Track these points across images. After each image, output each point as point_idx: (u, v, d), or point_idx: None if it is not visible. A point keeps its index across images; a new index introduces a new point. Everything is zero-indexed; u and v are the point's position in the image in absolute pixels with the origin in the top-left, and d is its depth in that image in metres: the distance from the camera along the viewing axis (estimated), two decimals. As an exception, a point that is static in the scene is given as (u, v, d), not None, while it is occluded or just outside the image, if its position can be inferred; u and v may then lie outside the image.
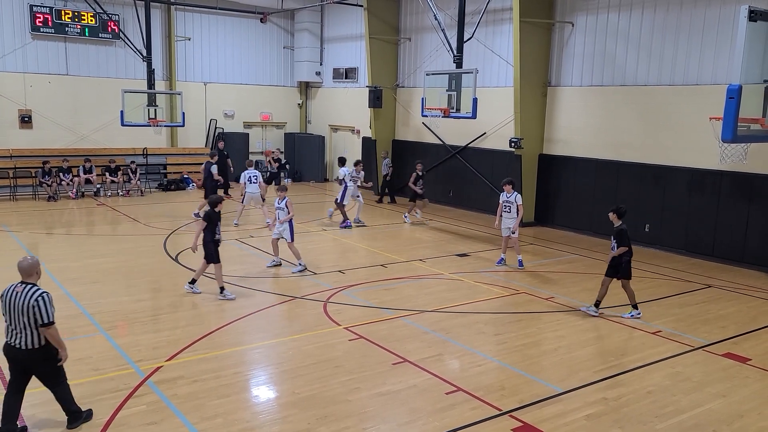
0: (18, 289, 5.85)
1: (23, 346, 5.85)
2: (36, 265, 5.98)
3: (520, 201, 12.98)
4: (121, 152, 22.52)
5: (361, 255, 13.94)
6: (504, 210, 13.05)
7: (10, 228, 15.44)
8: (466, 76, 14.85)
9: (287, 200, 12.11)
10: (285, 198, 12.13)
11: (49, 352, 5.96)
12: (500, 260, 13.27)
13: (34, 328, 5.82)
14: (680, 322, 9.93)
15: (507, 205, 13.01)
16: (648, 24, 15.08)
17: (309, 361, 7.97)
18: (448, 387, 7.34)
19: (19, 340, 5.84)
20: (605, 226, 16.09)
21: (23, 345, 5.85)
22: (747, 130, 8.42)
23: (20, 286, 5.88)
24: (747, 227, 13.60)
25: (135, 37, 20.73)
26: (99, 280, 11.24)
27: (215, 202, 10.61)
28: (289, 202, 12.13)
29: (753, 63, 8.12)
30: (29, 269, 5.92)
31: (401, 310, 10.06)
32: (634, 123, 15.51)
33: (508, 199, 12.98)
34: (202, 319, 9.46)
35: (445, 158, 20.37)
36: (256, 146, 26.31)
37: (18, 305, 5.79)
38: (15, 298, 5.83)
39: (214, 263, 10.51)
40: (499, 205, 13.16)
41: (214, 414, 6.55)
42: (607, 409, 6.94)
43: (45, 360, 5.96)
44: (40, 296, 5.80)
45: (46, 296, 5.84)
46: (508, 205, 13.00)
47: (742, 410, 7.03)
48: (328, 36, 25.84)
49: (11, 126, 21.01)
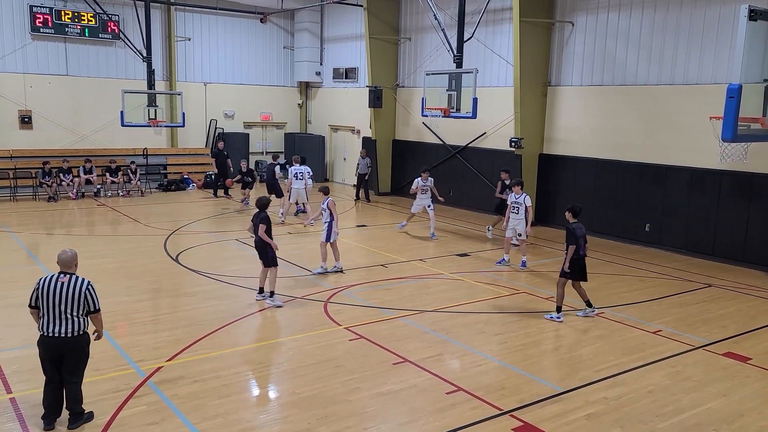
0: (63, 280, 6.13)
1: (68, 333, 6.08)
2: (75, 257, 6.34)
3: (529, 202, 12.87)
4: (122, 153, 22.54)
5: (362, 255, 13.95)
6: (512, 211, 13.02)
7: (10, 228, 15.45)
8: (466, 75, 14.85)
9: (329, 201, 11.95)
10: (327, 199, 11.97)
11: (87, 339, 6.29)
12: (501, 260, 13.26)
13: (77, 316, 6.10)
14: (681, 322, 9.93)
15: (516, 207, 12.97)
16: (648, 23, 15.08)
17: (309, 361, 7.97)
18: (448, 387, 7.34)
19: (63, 328, 6.06)
20: (606, 225, 16.17)
21: (68, 333, 6.08)
22: (747, 129, 8.40)
23: (65, 276, 6.15)
24: (747, 226, 13.60)
25: (135, 37, 20.73)
26: (99, 280, 11.14)
27: (265, 205, 10.34)
28: (332, 202, 11.96)
29: (753, 62, 8.11)
30: (69, 261, 6.25)
31: (402, 310, 10.06)
32: (635, 123, 15.51)
33: (517, 200, 12.94)
34: (202, 319, 9.46)
35: (446, 158, 20.37)
36: (257, 146, 26.32)
37: (67, 294, 6.06)
38: (61, 288, 6.08)
39: (274, 266, 10.25)
40: (508, 207, 13.13)
41: (214, 414, 6.55)
42: (608, 408, 6.94)
43: (83, 347, 6.23)
44: (89, 285, 6.23)
45: (92, 285, 6.28)
46: (516, 206, 12.96)
47: (743, 409, 7.04)
48: (328, 36, 25.84)
49: (11, 126, 21.02)
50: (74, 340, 6.12)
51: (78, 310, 6.11)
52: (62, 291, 6.08)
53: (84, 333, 6.21)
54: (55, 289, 6.08)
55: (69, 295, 6.08)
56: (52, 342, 6.09)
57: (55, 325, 6.07)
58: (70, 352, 6.13)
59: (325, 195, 12.12)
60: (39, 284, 6.15)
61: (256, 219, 10.24)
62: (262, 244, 10.21)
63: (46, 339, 6.12)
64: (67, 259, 6.23)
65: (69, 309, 6.07)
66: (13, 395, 6.82)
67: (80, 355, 6.22)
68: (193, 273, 11.92)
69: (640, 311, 10.40)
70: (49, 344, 6.11)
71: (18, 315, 8.78)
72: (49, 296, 6.07)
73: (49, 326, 6.08)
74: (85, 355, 6.29)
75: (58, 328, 6.07)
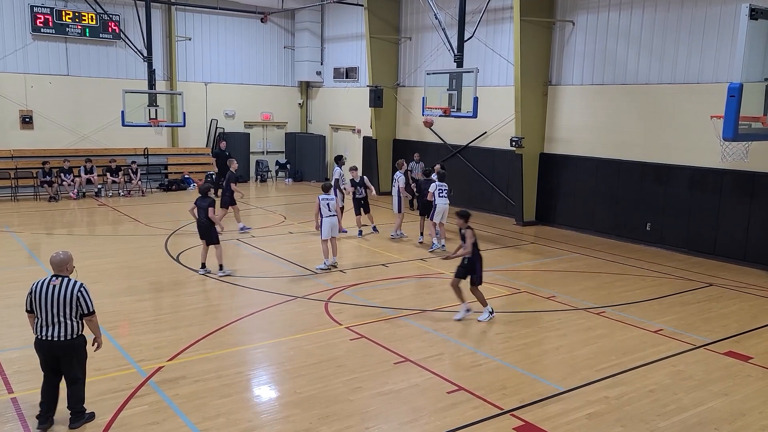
0: (55, 283, 6.01)
1: (63, 337, 6.01)
2: (69, 260, 6.17)
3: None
4: (122, 152, 22.54)
5: (363, 254, 13.94)
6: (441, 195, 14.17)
7: (11, 228, 15.46)
8: (467, 75, 14.84)
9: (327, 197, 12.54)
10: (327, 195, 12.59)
11: (82, 342, 6.20)
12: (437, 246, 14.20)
13: (72, 319, 6.02)
14: (682, 321, 9.93)
15: (441, 190, 14.21)
16: (649, 22, 15.07)
17: (310, 361, 7.97)
18: (449, 386, 7.34)
19: (56, 332, 5.99)
20: (607, 224, 16.17)
21: (63, 336, 6.01)
22: (748, 128, 8.39)
23: (56, 279, 6.04)
24: (748, 225, 13.59)
25: (135, 37, 20.73)
26: (100, 280, 11.24)
27: (207, 189, 11.79)
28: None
29: (754, 61, 8.10)
30: (61, 264, 6.11)
31: (403, 310, 10.06)
32: (635, 122, 15.50)
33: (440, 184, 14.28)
34: (203, 319, 9.46)
35: (446, 157, 20.36)
36: (257, 146, 26.33)
37: (58, 298, 5.96)
38: (53, 291, 5.98)
39: (218, 243, 11.69)
40: (430, 193, 14.18)
41: (215, 414, 6.56)
42: (609, 407, 6.94)
43: (78, 350, 6.17)
44: (82, 287, 6.08)
45: (85, 287, 6.13)
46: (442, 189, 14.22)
47: (744, 408, 7.03)
48: (329, 36, 25.84)
49: (12, 126, 21.01)
50: (68, 343, 6.04)
51: (71, 314, 6.02)
52: (54, 294, 5.98)
53: (79, 336, 6.13)
54: (47, 292, 5.99)
55: (61, 298, 5.98)
56: (46, 345, 6.04)
57: (48, 328, 6.00)
58: (65, 356, 6.08)
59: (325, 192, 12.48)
60: (32, 288, 6.09)
61: (202, 203, 11.52)
62: (207, 225, 11.51)
63: (40, 342, 6.07)
64: (59, 262, 6.10)
65: (62, 312, 5.98)
66: (14, 395, 6.83)
67: (77, 357, 6.16)
68: (194, 273, 11.92)
69: (641, 310, 10.39)
70: (44, 348, 6.06)
71: (19, 315, 8.74)
72: (41, 300, 5.98)
73: (43, 329, 6.02)
74: (83, 356, 6.25)
75: (52, 331, 5.99)
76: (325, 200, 12.35)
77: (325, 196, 12.41)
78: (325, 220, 12.30)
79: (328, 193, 12.48)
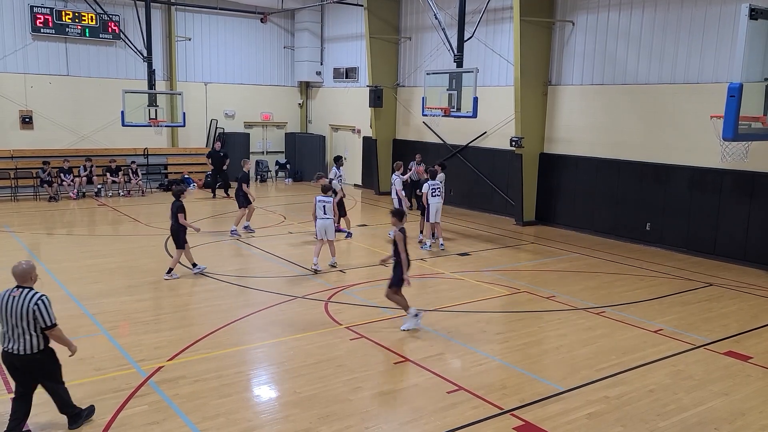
0: (15, 294, 5.77)
1: (22, 351, 5.78)
2: (31, 271, 5.89)
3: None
4: (122, 152, 22.55)
5: (362, 254, 13.94)
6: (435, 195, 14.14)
7: (11, 228, 15.46)
8: (467, 75, 14.85)
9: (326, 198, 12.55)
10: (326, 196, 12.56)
11: (48, 354, 5.95)
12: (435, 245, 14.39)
13: (34, 332, 5.76)
14: (682, 321, 9.93)
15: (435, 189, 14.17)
16: (649, 22, 15.07)
17: (310, 361, 7.97)
18: (449, 386, 7.34)
19: (18, 345, 5.77)
20: (606, 224, 16.17)
21: (22, 350, 5.78)
22: (748, 128, 8.39)
23: (17, 290, 5.80)
24: (748, 225, 13.59)
25: (135, 37, 20.74)
26: (100, 280, 11.24)
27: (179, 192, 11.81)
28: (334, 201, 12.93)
29: (754, 61, 8.10)
30: (23, 275, 5.83)
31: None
32: (635, 122, 15.50)
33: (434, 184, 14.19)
34: (203, 319, 9.46)
35: (446, 157, 20.34)
36: (257, 146, 26.33)
37: (16, 310, 5.72)
38: (12, 302, 5.74)
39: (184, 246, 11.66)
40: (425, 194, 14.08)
41: (215, 413, 6.56)
42: (609, 407, 6.94)
43: (44, 363, 5.93)
44: (39, 299, 5.76)
45: (45, 299, 5.81)
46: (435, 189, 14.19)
47: (744, 408, 7.03)
48: (329, 36, 25.84)
49: (12, 127, 21.01)
50: (31, 357, 5.79)
51: (29, 327, 5.73)
52: (13, 306, 5.72)
53: (41, 351, 5.84)
54: (8, 303, 5.75)
55: (18, 310, 5.69)
56: (8, 358, 5.87)
57: (11, 341, 5.78)
58: (32, 370, 5.89)
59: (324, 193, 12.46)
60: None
61: (173, 207, 11.52)
62: (176, 229, 11.49)
63: (4, 354, 5.88)
64: (21, 272, 5.81)
65: (20, 325, 5.72)
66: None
67: (42, 371, 5.95)
68: (193, 272, 11.91)
69: (641, 310, 10.39)
70: (6, 360, 5.89)
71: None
72: (6, 311, 5.75)
73: (8, 342, 5.82)
74: (51, 369, 6.00)
75: (15, 344, 5.77)
76: (321, 202, 12.28)
77: (322, 197, 12.33)
78: (318, 221, 12.27)
79: (326, 194, 12.43)
